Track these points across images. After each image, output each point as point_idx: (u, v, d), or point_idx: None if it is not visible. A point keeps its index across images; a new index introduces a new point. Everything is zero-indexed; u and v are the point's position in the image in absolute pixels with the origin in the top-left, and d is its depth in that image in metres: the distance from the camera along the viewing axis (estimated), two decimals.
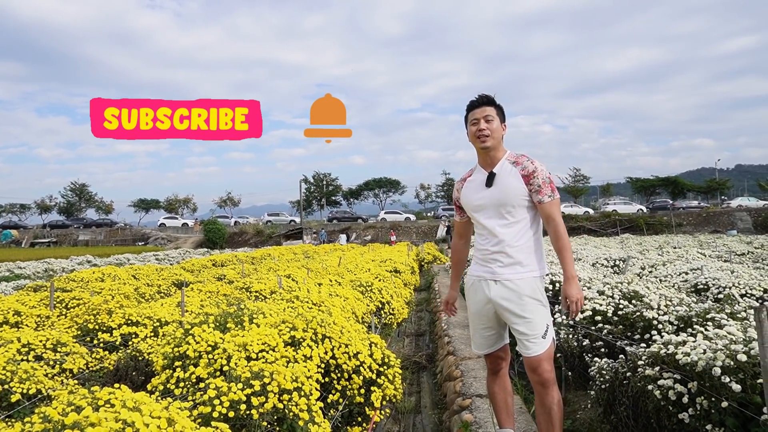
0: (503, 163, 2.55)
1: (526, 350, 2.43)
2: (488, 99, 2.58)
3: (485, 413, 3.32)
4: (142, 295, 8.34)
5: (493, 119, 2.53)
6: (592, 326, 3.62)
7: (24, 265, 18.87)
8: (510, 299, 2.45)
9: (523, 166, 2.50)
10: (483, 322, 2.63)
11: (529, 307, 2.43)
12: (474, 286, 2.65)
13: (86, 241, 44.63)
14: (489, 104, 2.56)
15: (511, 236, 2.49)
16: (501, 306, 2.49)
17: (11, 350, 3.85)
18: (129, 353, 4.67)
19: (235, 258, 18.08)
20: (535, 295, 2.45)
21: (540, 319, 2.43)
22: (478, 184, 2.60)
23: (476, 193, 2.59)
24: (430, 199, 59.50)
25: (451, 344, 5.30)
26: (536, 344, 2.40)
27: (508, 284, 2.47)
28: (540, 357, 2.40)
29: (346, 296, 6.19)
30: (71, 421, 1.83)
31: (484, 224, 2.57)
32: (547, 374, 2.40)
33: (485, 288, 2.55)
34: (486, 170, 2.58)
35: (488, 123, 2.52)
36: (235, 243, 40.38)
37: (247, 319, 3.94)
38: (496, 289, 2.50)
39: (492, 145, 2.54)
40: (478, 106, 2.57)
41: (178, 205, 59.44)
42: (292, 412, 2.69)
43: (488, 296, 2.53)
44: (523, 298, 2.43)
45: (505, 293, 2.47)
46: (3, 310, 5.47)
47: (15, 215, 57.08)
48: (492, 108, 2.55)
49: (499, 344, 2.64)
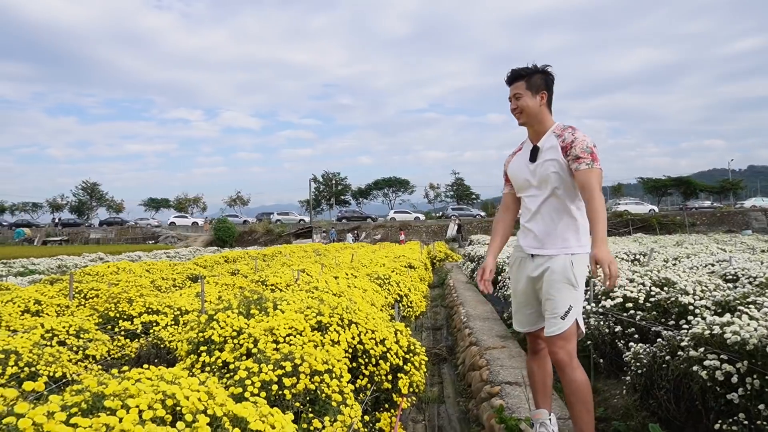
0: (548, 136, 2.48)
1: (545, 328, 2.43)
2: (515, 74, 2.51)
3: (516, 399, 3.26)
4: (158, 287, 8.34)
5: (522, 95, 2.47)
6: (623, 313, 3.55)
7: (37, 261, 18.99)
8: (541, 275, 2.43)
9: (564, 137, 2.42)
10: (522, 300, 2.59)
11: (557, 285, 2.38)
12: (515, 263, 2.63)
13: (97, 240, 44.94)
14: (517, 79, 2.49)
15: (548, 211, 2.45)
16: (535, 282, 2.47)
17: (36, 335, 3.85)
18: (150, 341, 4.65)
19: (246, 255, 18.09)
20: (566, 273, 2.37)
21: (562, 300, 2.36)
22: (523, 158, 2.56)
23: (520, 168, 2.56)
24: (440, 198, 59.42)
25: (472, 335, 5.25)
26: (554, 324, 2.37)
27: (540, 260, 2.45)
28: (553, 337, 2.38)
29: (364, 288, 6.14)
30: (111, 392, 1.79)
31: (524, 199, 2.55)
32: (557, 355, 2.39)
33: (524, 264, 2.53)
34: (532, 144, 2.54)
35: (517, 101, 2.48)
36: (244, 242, 40.48)
37: (272, 306, 3.90)
38: (532, 265, 2.49)
39: (527, 121, 2.50)
40: (509, 83, 2.53)
41: (188, 204, 59.77)
42: (324, 393, 2.65)
43: (526, 273, 2.50)
44: (553, 275, 2.39)
45: (538, 269, 2.44)
46: (24, 299, 5.48)
47: (27, 214, 57.63)
48: (521, 83, 2.48)
49: (540, 324, 2.56)
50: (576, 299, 2.38)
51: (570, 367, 2.35)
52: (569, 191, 2.43)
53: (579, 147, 2.36)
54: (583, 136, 2.40)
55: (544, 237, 2.45)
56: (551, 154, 2.43)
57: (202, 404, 1.82)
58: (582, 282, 2.41)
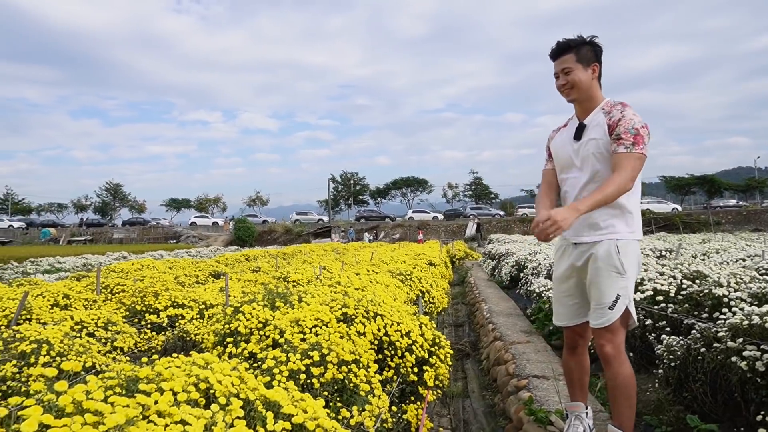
0: (596, 113, 2.31)
1: (591, 320, 2.30)
2: (563, 46, 2.33)
3: (544, 392, 3.22)
4: (182, 283, 8.43)
5: (572, 69, 2.30)
6: (653, 306, 3.48)
7: (63, 260, 19.34)
8: (586, 264, 2.29)
9: (612, 114, 2.24)
10: (564, 289, 2.45)
11: (602, 273, 2.23)
12: (559, 250, 2.49)
13: (120, 239, 45.69)
14: (566, 52, 2.32)
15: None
16: (579, 272, 2.34)
17: (66, 327, 3.91)
18: (176, 334, 4.70)
19: (266, 253, 18.21)
20: (611, 260, 2.22)
21: (609, 289, 2.21)
22: (567, 135, 2.41)
23: (564, 145, 2.42)
24: (458, 198, 59.15)
25: (496, 330, 5.20)
26: (600, 315, 2.22)
27: (583, 248, 2.31)
28: (600, 329, 2.24)
29: (386, 284, 6.12)
30: (144, 375, 1.80)
31: (565, 181, 2.41)
32: (603, 348, 2.24)
33: (567, 253, 2.40)
34: (579, 121, 2.38)
35: (567, 75, 2.31)
36: (264, 241, 40.79)
37: (296, 298, 3.91)
38: (575, 253, 2.36)
39: (577, 97, 2.33)
40: (555, 57, 2.36)
41: (208, 204, 60.43)
42: (352, 383, 2.64)
43: (570, 261, 2.38)
44: (597, 263, 2.24)
45: (582, 258, 2.31)
46: (53, 293, 5.58)
47: (53, 214, 58.85)
48: (570, 55, 2.31)
49: (581, 318, 2.42)
50: (624, 288, 2.22)
51: (617, 360, 2.21)
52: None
53: (623, 126, 2.19)
54: (632, 114, 2.21)
55: (586, 222, 2.28)
56: (597, 133, 2.27)
57: (234, 388, 1.83)
58: (632, 269, 2.25)
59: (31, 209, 59.10)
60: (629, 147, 2.16)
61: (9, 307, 4.65)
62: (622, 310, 2.21)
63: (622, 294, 2.21)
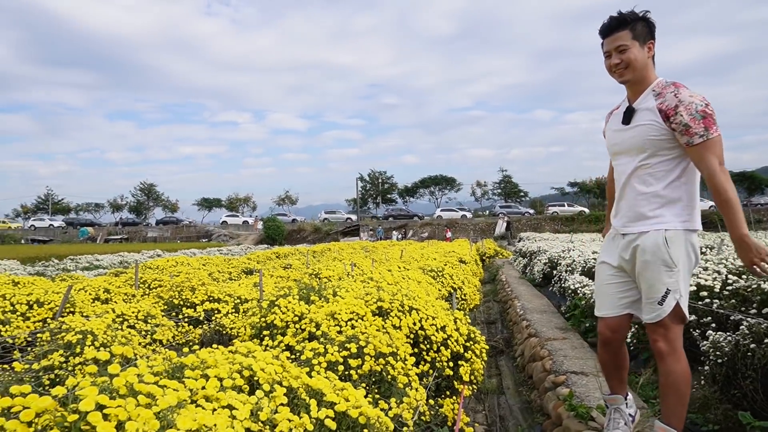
0: (646, 96, 2.17)
1: (643, 314, 2.22)
2: (618, 22, 2.16)
3: (583, 388, 3.16)
4: (216, 279, 8.58)
5: (628, 47, 2.14)
6: (698, 302, 3.38)
7: (101, 258, 19.92)
8: (633, 256, 2.20)
9: (664, 98, 2.09)
10: (606, 278, 2.36)
11: (650, 266, 2.13)
12: (608, 238, 2.41)
13: (154, 238, 46.78)
14: (621, 28, 2.15)
15: (639, 183, 2.19)
16: (625, 261, 2.25)
17: (108, 319, 4.02)
18: (212, 327, 4.78)
19: (296, 251, 18.38)
20: (659, 252, 2.11)
21: (658, 283, 2.11)
22: (617, 120, 2.28)
23: (613, 131, 2.31)
24: (487, 196, 58.64)
25: (531, 327, 5.13)
26: (651, 310, 2.14)
27: (630, 238, 2.22)
28: (651, 324, 2.16)
29: (418, 280, 6.10)
30: (190, 362, 1.83)
31: (617, 166, 2.31)
32: (656, 344, 2.16)
33: (615, 242, 2.32)
34: (629, 104, 2.24)
35: (621, 54, 2.15)
36: (293, 240, 41.21)
37: (331, 293, 3.93)
38: (622, 243, 2.26)
39: (632, 77, 2.18)
40: (607, 34, 2.20)
41: (238, 203, 61.35)
42: (390, 375, 2.64)
43: (617, 251, 2.29)
44: (644, 255, 2.15)
45: (629, 249, 2.22)
46: (94, 288, 5.74)
47: (90, 213, 60.66)
48: (626, 32, 2.14)
49: (621, 310, 2.33)
50: (674, 282, 2.10)
51: (672, 357, 2.12)
52: (664, 161, 2.14)
53: (687, 113, 2.02)
54: (689, 96, 2.04)
55: (632, 212, 2.20)
56: (646, 117, 2.14)
57: (278, 376, 1.84)
58: (683, 263, 2.12)
59: (70, 209, 61.03)
60: (704, 134, 2.00)
61: (54, 301, 4.81)
62: (673, 306, 2.11)
63: (672, 289, 2.11)
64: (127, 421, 1.25)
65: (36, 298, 4.78)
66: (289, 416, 1.59)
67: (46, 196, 60.62)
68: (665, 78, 2.19)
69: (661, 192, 2.14)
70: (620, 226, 2.29)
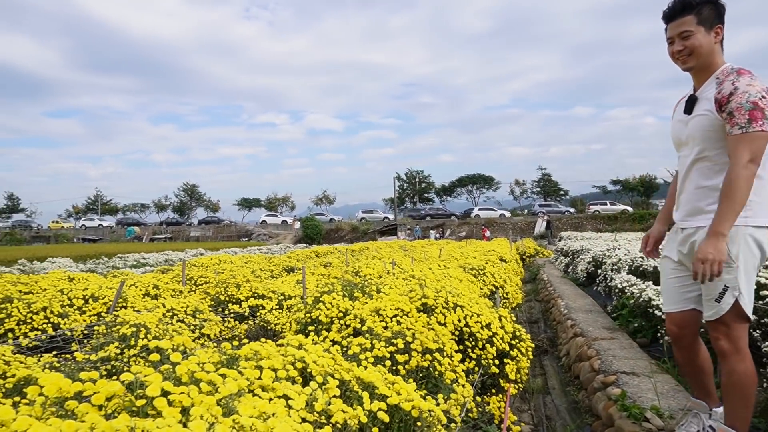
0: (709, 84, 2.07)
1: (704, 311, 2.14)
2: (682, 6, 2.07)
3: (635, 389, 3.07)
4: (258, 277, 8.74)
5: (692, 33, 2.05)
6: (758, 301, 3.23)
7: (147, 256, 20.60)
8: (690, 249, 2.14)
9: (723, 86, 1.98)
10: (668, 272, 2.31)
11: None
12: (671, 231, 2.34)
13: (197, 237, 48.07)
14: (686, 12, 2.06)
15: (697, 176, 2.12)
16: (684, 255, 2.19)
17: (159, 313, 4.15)
18: (257, 323, 4.88)
19: (335, 250, 18.53)
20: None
21: (715, 280, 2.01)
22: (681, 109, 2.21)
23: (677, 121, 2.23)
24: (525, 195, 57.71)
25: (577, 326, 5.02)
26: (710, 308, 2.07)
27: (688, 232, 2.16)
28: (712, 323, 2.09)
29: (459, 278, 6.06)
30: (244, 354, 1.87)
31: (679, 158, 2.24)
32: (718, 342, 2.07)
33: (677, 236, 2.26)
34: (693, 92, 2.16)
35: (685, 40, 2.07)
36: (331, 239, 41.58)
37: (375, 289, 3.95)
38: (681, 237, 2.21)
39: (696, 64, 2.09)
40: (671, 19, 2.11)
41: (277, 203, 62.32)
42: (437, 371, 2.63)
43: (677, 246, 2.24)
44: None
45: (686, 243, 2.16)
46: (145, 284, 5.94)
47: (136, 213, 62.82)
48: (690, 17, 2.05)
49: (685, 305, 2.26)
50: (732, 278, 2.02)
51: (735, 357, 2.04)
52: (723, 153, 2.04)
53: (736, 101, 1.92)
54: (746, 85, 1.93)
55: (691, 205, 2.14)
56: (705, 107, 2.05)
57: (330, 368, 1.86)
58: (743, 259, 2.02)
59: (117, 209, 63.35)
60: (744, 126, 1.91)
61: (107, 296, 5.00)
62: (731, 303, 2.03)
63: (731, 286, 2.02)
64: (191, 407, 1.28)
65: (91, 293, 4.98)
66: (343, 407, 1.60)
67: (96, 197, 63.13)
68: (732, 64, 2.09)
69: (720, 185, 2.04)
70: (679, 219, 2.23)
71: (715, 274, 1.94)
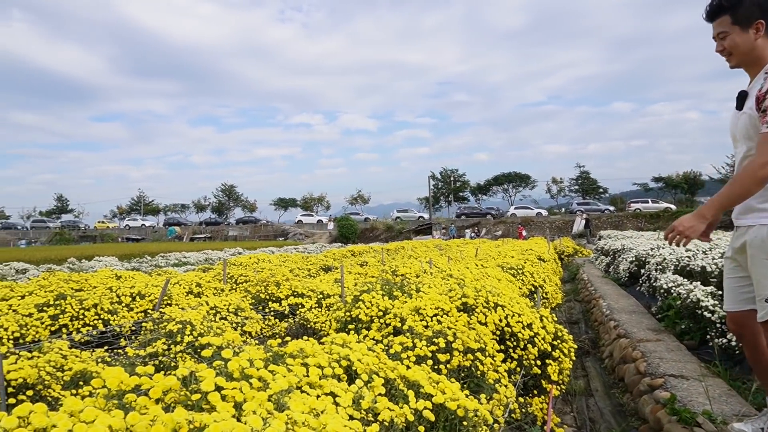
0: (758, 79, 2.05)
1: (758, 311, 2.07)
2: (715, 7, 2.09)
3: (684, 392, 2.97)
4: (296, 276, 8.85)
5: (728, 33, 2.07)
6: None
7: (188, 255, 21.16)
8: (743, 249, 2.10)
9: (764, 83, 1.98)
10: (728, 272, 2.29)
11: (756, 261, 2.02)
12: (733, 231, 2.30)
13: (235, 237, 49.04)
14: (721, 13, 2.08)
15: None
16: (738, 253, 2.15)
17: (203, 311, 4.26)
18: (297, 321, 4.94)
19: (371, 249, 18.60)
20: (764, 247, 1.99)
21: (764, 279, 1.99)
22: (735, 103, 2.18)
23: (732, 116, 2.19)
24: (563, 193, 56.55)
25: (620, 328, 4.90)
26: (761, 308, 2.02)
27: (741, 231, 2.12)
28: (764, 324, 2.03)
29: (497, 278, 6.00)
30: (290, 351, 1.90)
31: (735, 155, 2.21)
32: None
33: (736, 232, 2.22)
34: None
35: (723, 41, 2.09)
36: (366, 238, 41.76)
37: (414, 288, 3.95)
38: (736, 234, 2.18)
39: (738, 63, 2.11)
40: (710, 20, 2.14)
41: (312, 203, 62.94)
42: (479, 370, 2.62)
43: (732, 244, 2.22)
44: (751, 250, 2.04)
45: (739, 241, 2.13)
46: (188, 282, 6.10)
47: (177, 214, 64.54)
48: (725, 17, 2.07)
49: (745, 305, 2.20)
50: None
51: None
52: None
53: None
54: None
55: (743, 204, 2.09)
56: (749, 104, 2.04)
57: (375, 367, 1.88)
58: None
59: (159, 210, 65.21)
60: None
61: (153, 293, 5.15)
62: None
63: None
64: (244, 402, 1.31)
65: (138, 291, 5.14)
66: (390, 405, 1.61)
67: (138, 197, 65.15)
68: None
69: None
70: (734, 217, 2.19)
71: (677, 245, 2.06)
